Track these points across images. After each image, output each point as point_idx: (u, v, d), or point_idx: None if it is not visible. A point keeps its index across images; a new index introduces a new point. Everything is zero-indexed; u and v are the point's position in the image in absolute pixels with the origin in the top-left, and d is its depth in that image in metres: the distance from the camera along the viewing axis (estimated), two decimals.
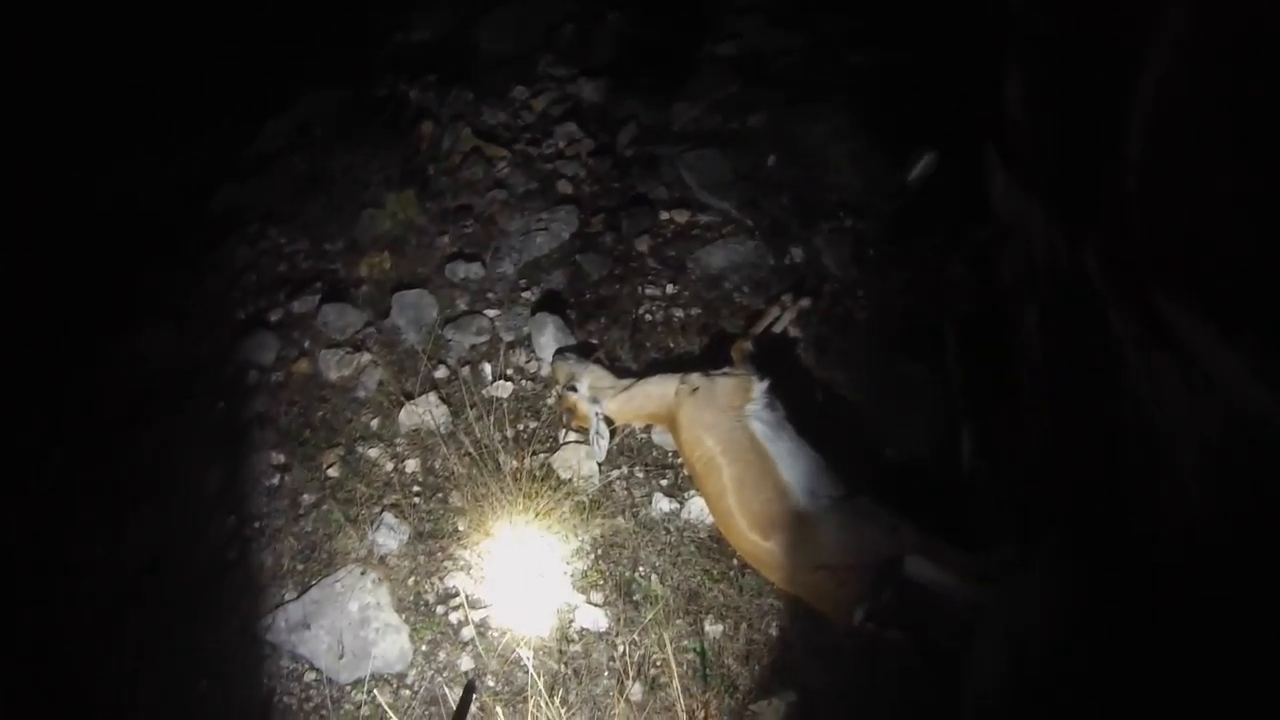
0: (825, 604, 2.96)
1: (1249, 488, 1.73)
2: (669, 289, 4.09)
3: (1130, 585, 2.27)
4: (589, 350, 3.90)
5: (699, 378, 3.38)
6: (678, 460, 3.55)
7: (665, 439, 3.62)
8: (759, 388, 3.31)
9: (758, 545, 3.03)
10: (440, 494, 3.66)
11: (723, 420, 3.23)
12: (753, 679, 3.04)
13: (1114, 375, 2.18)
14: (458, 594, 3.39)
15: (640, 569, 3.33)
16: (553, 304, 4.12)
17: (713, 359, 3.62)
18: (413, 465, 3.77)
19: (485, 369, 4.00)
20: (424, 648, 3.32)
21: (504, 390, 3.90)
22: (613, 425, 3.60)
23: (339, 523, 3.64)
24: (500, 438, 3.59)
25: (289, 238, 4.95)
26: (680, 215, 4.34)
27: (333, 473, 3.82)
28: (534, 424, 3.77)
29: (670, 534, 3.40)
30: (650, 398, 3.49)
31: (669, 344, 3.92)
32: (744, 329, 3.78)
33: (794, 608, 3.12)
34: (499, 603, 3.35)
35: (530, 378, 3.94)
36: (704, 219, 4.32)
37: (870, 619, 2.86)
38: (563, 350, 3.86)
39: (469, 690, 3.24)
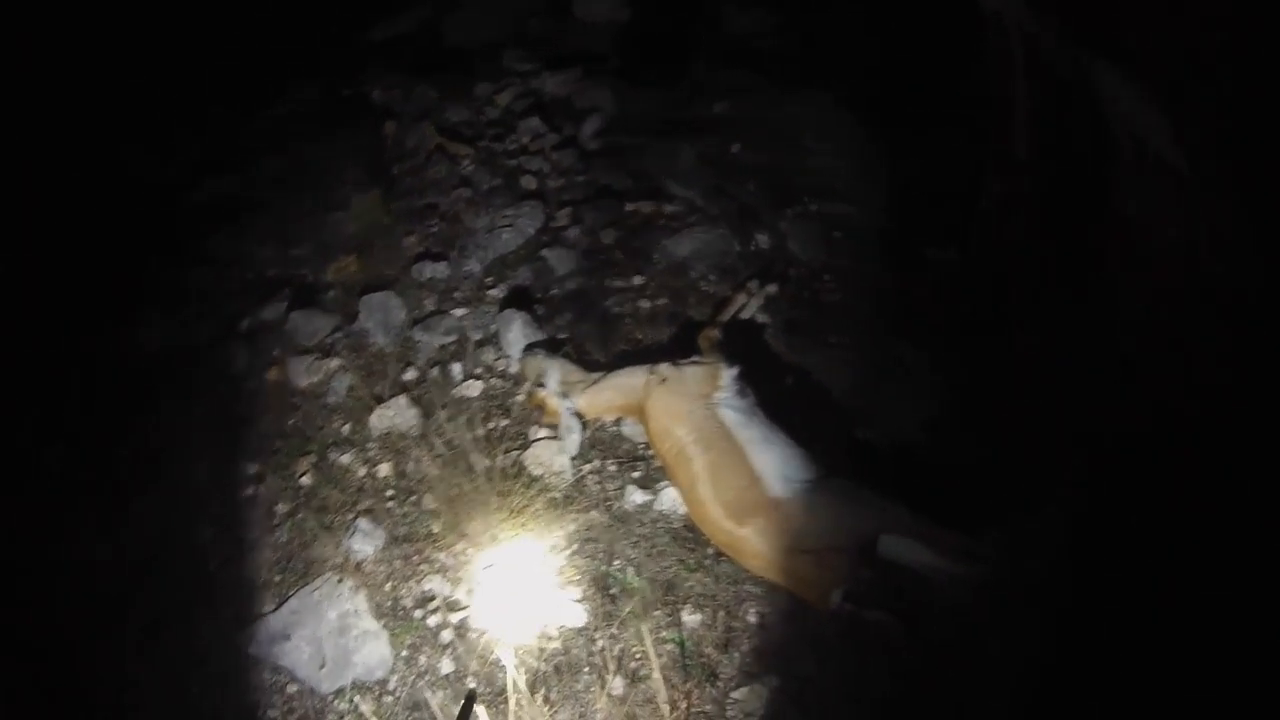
0: (804, 588, 2.96)
1: None
2: (635, 280, 4.08)
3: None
4: (557, 345, 3.88)
5: (668, 368, 3.37)
6: (649, 452, 3.53)
7: (636, 431, 3.60)
8: (728, 375, 3.30)
9: (732, 533, 3.02)
10: (414, 497, 3.63)
11: (693, 409, 3.22)
12: (734, 666, 3.02)
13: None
14: (435, 597, 3.37)
15: (616, 562, 3.32)
16: (520, 300, 4.10)
17: (681, 348, 3.61)
18: (385, 469, 3.74)
19: (454, 369, 3.97)
20: (404, 653, 3.30)
21: (474, 389, 3.88)
22: (583, 419, 3.59)
23: (314, 531, 3.62)
24: (471, 437, 3.56)
25: (255, 244, 4.89)
26: (646, 206, 4.33)
27: (306, 480, 3.79)
28: (505, 422, 3.75)
29: (644, 526, 3.39)
30: (620, 390, 3.48)
31: (637, 335, 3.91)
32: (711, 317, 3.76)
33: (772, 594, 3.11)
34: (477, 604, 3.33)
35: (500, 375, 3.92)
36: (669, 208, 4.31)
37: (849, 600, 2.85)
38: (531, 346, 3.84)
39: (470, 700, 3.22)
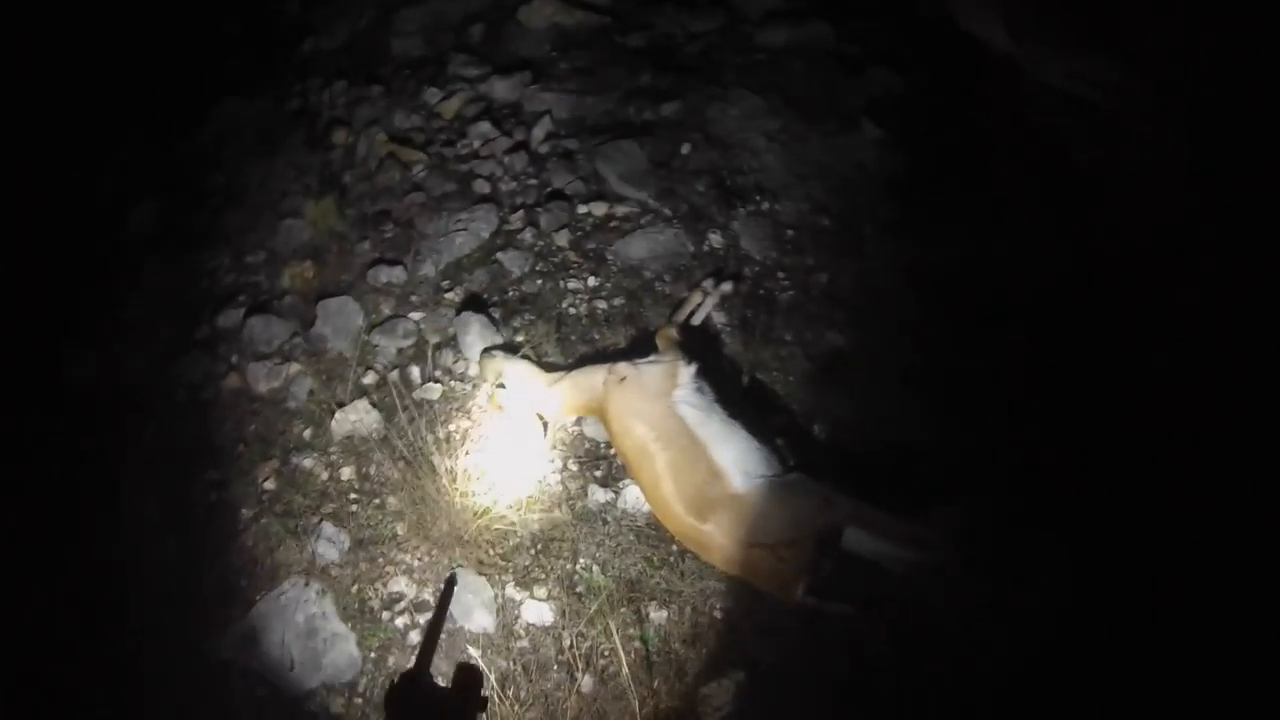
0: (767, 582, 3.02)
1: None
2: (591, 282, 4.12)
3: None
4: (515, 347, 3.91)
5: (626, 367, 3.42)
6: (610, 451, 3.59)
7: (597, 430, 3.66)
8: (686, 373, 3.35)
9: (695, 529, 3.07)
10: (377, 500, 3.66)
11: (652, 407, 3.27)
12: (701, 661, 3.09)
13: None
14: (402, 598, 3.41)
15: (581, 561, 3.37)
16: (476, 303, 4.12)
17: (639, 348, 3.67)
18: (348, 473, 3.76)
19: (414, 372, 3.99)
20: (373, 654, 3.33)
21: (434, 392, 3.91)
22: (544, 420, 3.63)
23: (279, 535, 3.63)
24: (433, 440, 3.59)
25: (210, 253, 4.87)
26: (598, 208, 4.37)
27: (269, 485, 3.80)
28: (465, 424, 3.78)
29: (608, 524, 3.44)
30: (579, 390, 3.52)
31: (594, 336, 3.96)
32: (668, 317, 3.82)
33: (736, 588, 3.18)
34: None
35: (459, 378, 3.95)
36: (622, 210, 4.36)
37: (811, 593, 2.93)
38: (489, 349, 3.87)
39: (449, 584, 3.32)
